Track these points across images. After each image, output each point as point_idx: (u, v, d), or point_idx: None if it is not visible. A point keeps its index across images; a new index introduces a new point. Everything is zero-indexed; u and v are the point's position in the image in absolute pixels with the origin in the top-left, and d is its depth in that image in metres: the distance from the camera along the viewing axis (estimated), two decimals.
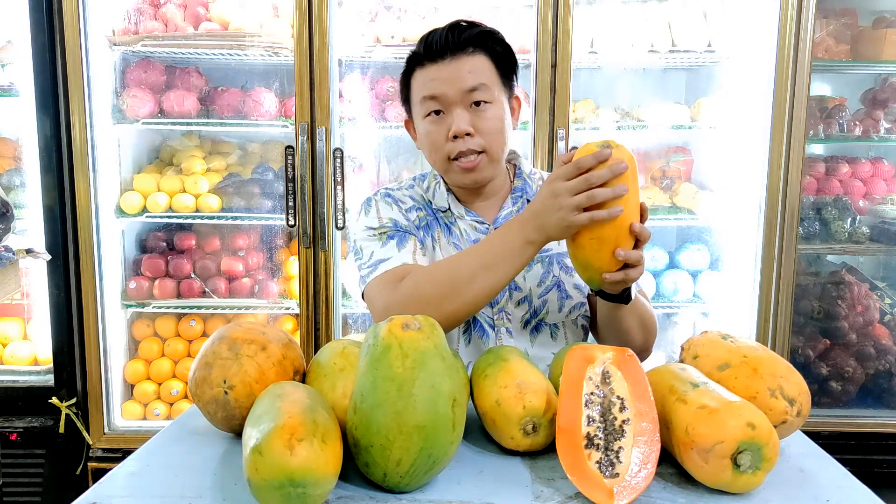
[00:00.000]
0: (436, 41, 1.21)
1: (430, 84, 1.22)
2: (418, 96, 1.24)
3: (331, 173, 2.26)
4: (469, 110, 1.21)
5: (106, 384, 2.40)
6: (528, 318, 1.30)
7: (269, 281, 2.52)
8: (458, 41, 1.21)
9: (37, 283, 2.44)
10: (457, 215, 1.33)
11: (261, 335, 0.95)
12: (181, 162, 2.51)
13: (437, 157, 1.25)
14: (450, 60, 1.21)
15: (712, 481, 0.80)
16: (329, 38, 2.21)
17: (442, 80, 1.21)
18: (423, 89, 1.23)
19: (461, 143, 1.21)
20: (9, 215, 1.74)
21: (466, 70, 1.21)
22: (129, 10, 2.38)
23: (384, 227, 1.29)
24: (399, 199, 1.36)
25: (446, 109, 1.22)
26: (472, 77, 1.20)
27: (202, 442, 0.96)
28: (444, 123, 1.22)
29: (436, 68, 1.22)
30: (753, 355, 0.92)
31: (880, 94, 2.55)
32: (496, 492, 0.82)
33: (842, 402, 2.44)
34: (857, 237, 2.43)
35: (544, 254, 1.31)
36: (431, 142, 1.24)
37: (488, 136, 1.22)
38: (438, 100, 1.21)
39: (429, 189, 1.37)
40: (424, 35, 1.25)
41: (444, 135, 1.22)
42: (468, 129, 1.20)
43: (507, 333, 1.31)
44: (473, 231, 1.32)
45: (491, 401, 0.92)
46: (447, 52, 1.21)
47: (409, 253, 1.25)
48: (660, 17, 2.39)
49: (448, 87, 1.20)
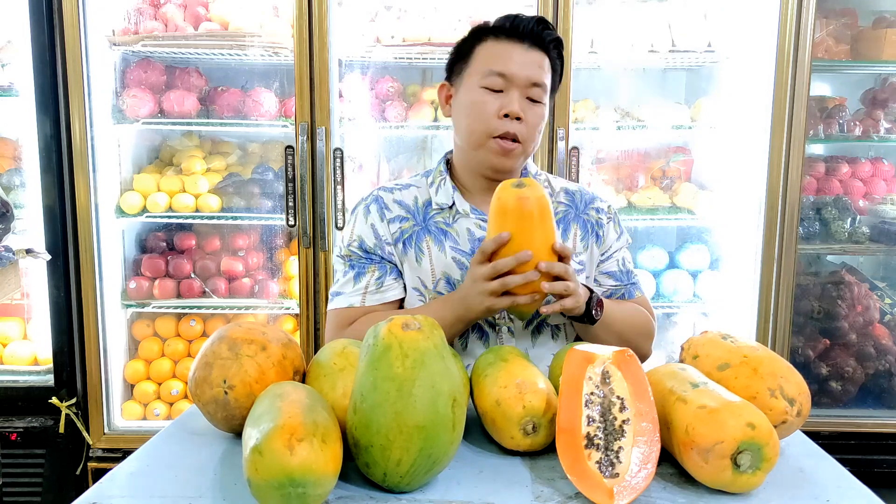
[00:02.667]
0: (523, 25, 1.24)
1: (505, 60, 1.24)
2: (485, 65, 1.25)
3: (331, 173, 2.26)
4: (524, 99, 1.25)
5: (106, 384, 2.40)
6: (531, 319, 1.30)
7: (269, 281, 2.52)
8: (541, 35, 1.25)
9: (37, 283, 2.44)
10: (461, 213, 1.33)
11: (261, 335, 0.95)
12: (181, 162, 2.51)
13: (478, 128, 1.26)
14: (529, 47, 1.25)
15: (712, 481, 0.80)
16: (329, 38, 2.21)
17: (517, 61, 1.23)
18: (494, 62, 1.24)
19: (510, 123, 1.23)
20: (9, 215, 1.74)
21: (538, 63, 1.25)
22: (129, 10, 2.38)
23: (350, 248, 1.33)
24: (387, 205, 1.35)
25: (505, 89, 1.24)
26: (540, 73, 1.25)
27: (202, 442, 0.96)
28: (498, 100, 1.24)
29: (514, 47, 1.24)
30: (753, 355, 0.92)
31: (880, 94, 2.55)
32: (496, 492, 0.82)
33: (842, 402, 2.44)
34: (857, 237, 2.43)
35: None
36: (479, 111, 1.25)
37: (532, 129, 1.26)
38: (506, 78, 1.23)
39: (433, 184, 1.36)
40: (509, 14, 1.27)
41: (494, 110, 1.23)
42: (521, 112, 1.23)
43: (508, 333, 1.31)
44: (478, 229, 1.31)
45: (491, 401, 0.92)
46: (528, 39, 1.24)
47: (359, 293, 1.30)
48: (660, 17, 2.39)
49: (519, 69, 1.23)
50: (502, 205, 1.05)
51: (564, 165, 2.22)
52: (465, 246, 1.31)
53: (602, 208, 1.39)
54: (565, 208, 1.37)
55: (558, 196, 1.38)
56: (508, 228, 1.05)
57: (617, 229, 1.40)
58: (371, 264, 1.32)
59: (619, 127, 2.43)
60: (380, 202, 1.36)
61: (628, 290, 1.39)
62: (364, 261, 1.32)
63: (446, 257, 1.30)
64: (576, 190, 1.41)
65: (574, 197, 1.39)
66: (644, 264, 2.53)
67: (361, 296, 1.30)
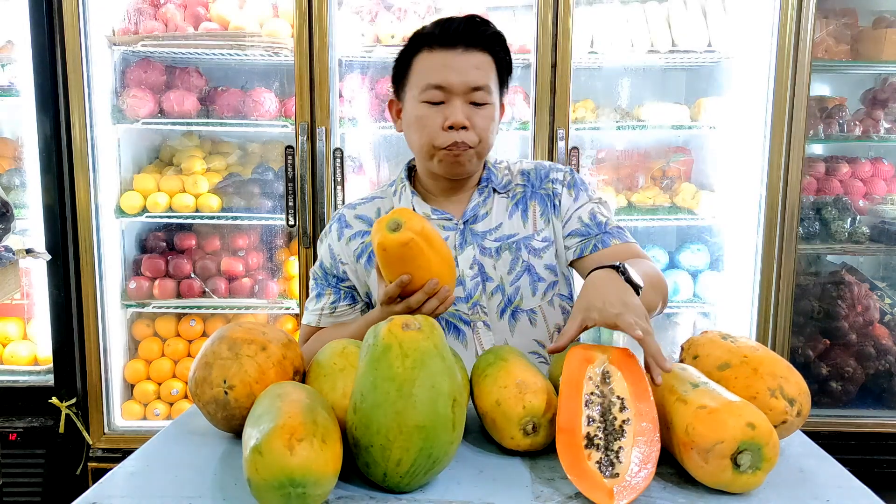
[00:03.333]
0: (454, 29, 1.21)
1: (439, 71, 1.21)
2: (422, 80, 1.23)
3: (331, 173, 2.26)
4: (467, 106, 1.22)
5: (106, 384, 2.40)
6: (504, 307, 1.30)
7: (269, 281, 2.52)
8: (474, 35, 1.22)
9: (37, 283, 2.44)
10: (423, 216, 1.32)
11: (261, 335, 0.95)
12: (181, 162, 2.51)
13: (425, 143, 1.25)
14: (462, 51, 1.21)
15: (712, 481, 0.80)
16: (329, 38, 2.21)
17: (451, 70, 1.20)
18: (430, 75, 1.22)
19: (455, 134, 1.21)
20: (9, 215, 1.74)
21: (475, 66, 1.21)
22: (129, 10, 2.38)
23: (315, 270, 1.39)
24: (348, 223, 1.36)
25: (447, 99, 1.22)
26: (480, 76, 1.21)
27: (202, 442, 0.96)
28: (440, 112, 1.22)
29: (447, 55, 1.21)
30: (753, 355, 0.92)
31: (880, 94, 2.55)
32: (496, 492, 0.82)
33: (842, 402, 2.44)
34: (857, 237, 2.43)
35: (510, 240, 1.31)
36: (423, 126, 1.24)
37: (481, 133, 1.23)
38: (445, 89, 1.21)
39: (395, 193, 1.37)
40: (440, 20, 1.24)
41: (438, 122, 1.22)
42: (465, 121, 1.21)
43: (484, 327, 1.30)
44: (441, 230, 1.31)
45: (491, 401, 0.92)
46: (460, 42, 1.21)
47: (315, 313, 1.36)
48: (660, 17, 2.39)
49: (455, 77, 1.20)
50: (388, 254, 1.02)
51: (564, 165, 2.22)
52: None
53: (557, 178, 1.36)
54: (522, 189, 1.36)
55: (515, 179, 1.37)
56: (405, 271, 1.03)
57: (572, 193, 1.34)
58: (328, 287, 1.36)
59: (619, 127, 2.43)
60: (341, 221, 1.37)
61: (601, 240, 1.29)
62: (323, 282, 1.37)
63: None
64: (531, 168, 1.38)
65: (529, 176, 1.37)
66: None
67: (318, 316, 1.36)
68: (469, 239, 1.32)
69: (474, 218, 1.33)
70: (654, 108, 2.42)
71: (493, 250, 1.31)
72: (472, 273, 1.30)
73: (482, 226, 1.32)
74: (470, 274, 1.30)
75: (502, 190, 1.35)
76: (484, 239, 1.32)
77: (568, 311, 1.36)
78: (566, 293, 1.36)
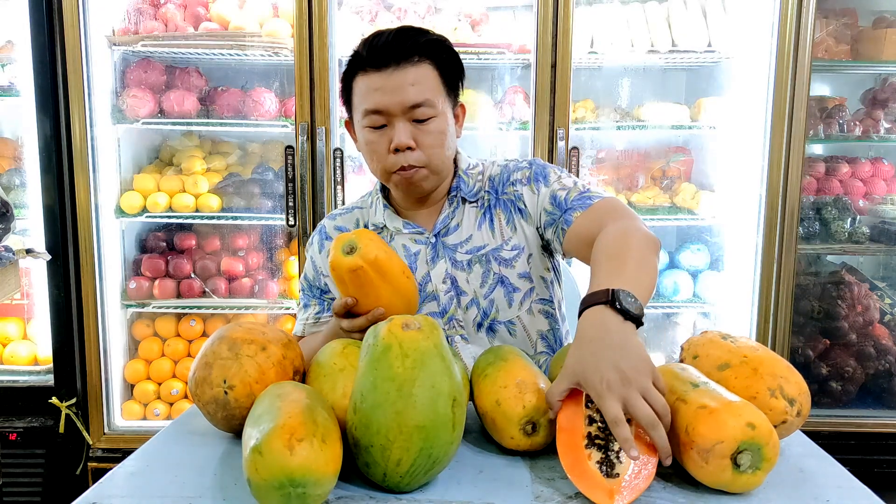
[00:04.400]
0: (380, 47, 1.15)
1: (373, 95, 1.16)
2: (361, 106, 1.19)
3: (331, 173, 2.26)
4: (411, 124, 1.17)
5: (106, 384, 2.40)
6: (480, 321, 1.28)
7: (269, 281, 2.52)
8: (403, 49, 1.15)
9: (37, 283, 2.44)
10: (393, 231, 1.31)
11: (261, 335, 0.95)
12: (181, 162, 2.51)
13: (377, 168, 1.22)
14: (393, 70, 1.15)
15: (712, 481, 0.80)
16: (329, 38, 2.21)
17: (385, 92, 1.15)
18: (365, 100, 1.17)
19: (402, 156, 1.18)
20: (9, 215, 1.74)
21: (410, 83, 1.15)
22: (129, 10, 2.38)
23: (302, 280, 1.40)
24: (328, 234, 1.37)
25: (388, 122, 1.18)
26: (416, 92, 1.15)
27: (202, 442, 0.96)
28: (385, 135, 1.18)
29: (379, 77, 1.15)
30: (753, 355, 0.92)
31: (880, 94, 2.55)
32: (496, 492, 0.82)
33: (842, 402, 2.44)
34: (857, 237, 2.43)
35: (480, 252, 1.27)
36: (372, 151, 1.21)
37: (430, 150, 1.19)
38: (381, 113, 1.17)
39: (372, 205, 1.36)
40: (369, 37, 1.18)
41: (385, 146, 1.18)
42: (410, 143, 1.17)
43: (462, 340, 1.28)
44: (413, 244, 1.30)
45: (491, 401, 0.91)
46: (391, 61, 1.15)
47: (302, 322, 1.37)
48: (660, 17, 2.39)
49: (390, 100, 1.15)
50: (337, 275, 1.02)
51: (564, 165, 2.22)
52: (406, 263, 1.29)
53: (517, 179, 1.29)
54: (487, 196, 1.31)
55: (485, 186, 1.32)
56: (353, 294, 1.03)
57: (533, 188, 1.27)
58: (313, 298, 1.37)
59: (619, 127, 2.43)
60: (322, 233, 1.38)
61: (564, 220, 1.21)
62: (308, 293, 1.38)
63: None
64: (497, 174, 1.32)
65: (494, 181, 1.31)
66: None
67: (303, 325, 1.38)
68: (441, 252, 1.28)
69: (445, 231, 1.29)
70: (654, 108, 2.42)
71: (465, 263, 1.27)
72: (446, 287, 1.27)
73: (453, 238, 1.29)
74: (443, 288, 1.27)
75: (472, 199, 1.30)
76: (455, 252, 1.28)
77: (550, 316, 1.32)
78: (546, 296, 1.31)
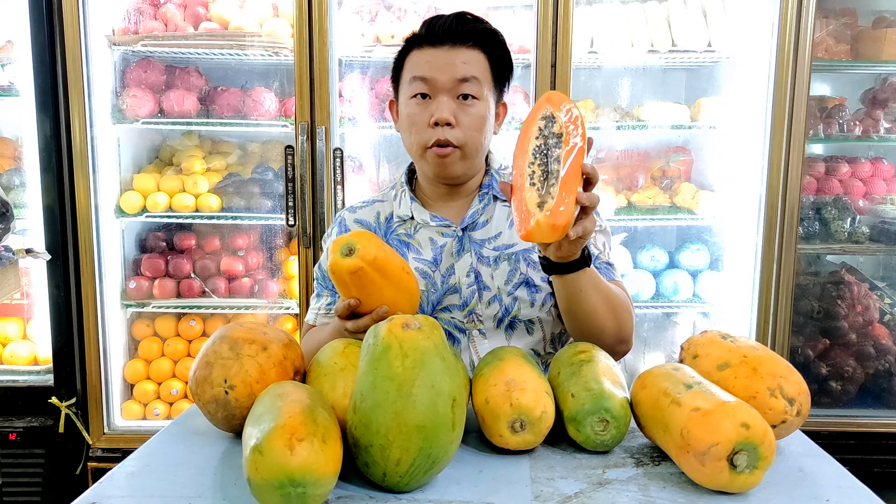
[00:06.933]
0: (439, 26, 1.21)
1: (423, 65, 1.21)
2: (409, 75, 1.23)
3: (331, 173, 2.26)
4: (455, 101, 1.20)
5: (106, 384, 2.40)
6: (501, 317, 1.28)
7: (269, 281, 2.52)
8: (460, 31, 1.20)
9: (37, 283, 2.44)
10: (420, 223, 1.31)
11: (262, 335, 0.95)
12: (181, 162, 2.51)
13: (414, 141, 1.24)
14: (448, 48, 1.20)
15: (711, 483, 0.80)
16: (329, 38, 2.21)
17: (435, 64, 1.20)
18: (414, 69, 1.22)
19: (440, 131, 1.19)
20: (9, 215, 1.74)
21: (461, 60, 1.20)
22: (128, 9, 2.38)
23: (317, 269, 1.40)
24: (348, 227, 1.36)
25: (433, 94, 1.21)
26: (466, 68, 1.20)
27: (202, 442, 0.96)
28: (427, 108, 1.21)
29: (433, 52, 1.21)
30: (753, 355, 0.92)
31: (880, 93, 2.55)
32: (496, 492, 0.82)
33: (842, 402, 2.44)
34: (857, 237, 2.43)
35: (509, 250, 1.29)
36: (412, 123, 1.23)
37: (468, 131, 1.21)
38: (428, 83, 1.20)
39: (396, 197, 1.36)
40: (428, 19, 1.24)
41: (426, 120, 1.20)
42: (450, 118, 1.19)
43: (480, 335, 1.29)
44: (440, 237, 1.30)
45: (481, 399, 0.92)
46: (447, 40, 1.20)
47: (314, 311, 1.37)
48: (660, 17, 2.39)
49: (440, 72, 1.19)
50: (337, 278, 1.02)
51: None
52: (427, 255, 1.29)
53: None
54: None
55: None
56: (355, 295, 1.03)
57: None
58: (325, 289, 1.37)
59: (619, 127, 2.43)
60: (342, 225, 1.38)
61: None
62: (322, 283, 1.38)
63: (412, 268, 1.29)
64: None
65: None
66: (644, 264, 2.53)
67: (315, 314, 1.37)
68: (467, 246, 1.29)
69: (473, 225, 1.31)
70: (653, 108, 2.42)
71: (492, 259, 1.28)
72: (469, 281, 1.28)
73: (481, 234, 1.30)
74: (466, 282, 1.28)
75: (504, 198, 1.31)
76: (482, 247, 1.29)
77: None
78: None
